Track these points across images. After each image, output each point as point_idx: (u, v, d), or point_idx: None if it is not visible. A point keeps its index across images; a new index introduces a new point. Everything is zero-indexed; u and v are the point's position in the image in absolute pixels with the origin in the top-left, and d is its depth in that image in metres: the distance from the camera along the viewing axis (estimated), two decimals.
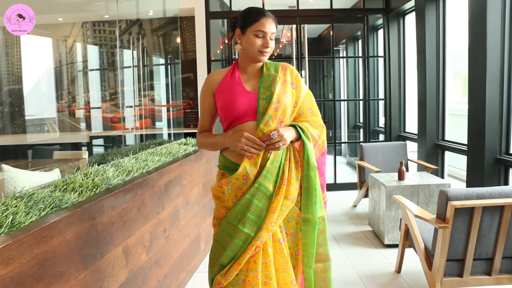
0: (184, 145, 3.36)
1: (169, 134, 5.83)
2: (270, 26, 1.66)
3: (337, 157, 5.70)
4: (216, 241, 1.69)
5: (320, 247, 1.70)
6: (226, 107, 1.67)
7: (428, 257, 2.47)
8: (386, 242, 3.41)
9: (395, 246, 3.38)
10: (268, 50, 1.67)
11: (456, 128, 5.24)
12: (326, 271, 1.73)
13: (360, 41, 6.70)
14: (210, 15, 5.27)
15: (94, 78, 6.24)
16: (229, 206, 1.67)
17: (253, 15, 1.67)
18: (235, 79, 1.71)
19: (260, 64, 1.74)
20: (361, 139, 6.41)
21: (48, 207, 1.51)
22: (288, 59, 5.76)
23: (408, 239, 2.85)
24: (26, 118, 5.53)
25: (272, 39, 1.68)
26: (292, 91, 1.71)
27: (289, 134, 1.64)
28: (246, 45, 1.67)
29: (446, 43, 4.44)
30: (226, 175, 1.69)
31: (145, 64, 6.01)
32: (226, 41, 5.96)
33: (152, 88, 6.13)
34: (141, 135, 5.48)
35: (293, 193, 1.65)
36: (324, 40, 8.26)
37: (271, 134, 1.59)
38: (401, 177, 3.53)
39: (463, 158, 3.82)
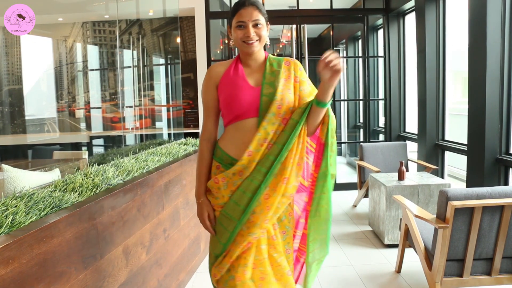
0: (184, 145, 3.36)
1: (169, 134, 5.83)
2: (248, 14, 1.58)
3: (337, 157, 5.69)
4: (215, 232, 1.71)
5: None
6: (228, 102, 1.62)
7: (428, 257, 2.47)
8: (386, 242, 3.41)
9: (395, 246, 3.38)
10: (252, 38, 1.59)
11: (456, 128, 5.24)
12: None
13: (360, 41, 6.70)
14: (210, 15, 5.27)
15: (94, 78, 6.25)
16: (225, 201, 1.64)
17: (234, 8, 1.62)
18: (238, 73, 1.65)
19: (262, 58, 1.68)
20: (361, 139, 6.41)
21: (48, 207, 1.51)
22: None
23: (408, 239, 2.85)
24: (26, 118, 5.54)
25: (257, 27, 1.59)
26: (295, 85, 1.65)
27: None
28: (233, 40, 1.65)
29: (446, 43, 4.43)
30: (221, 168, 1.66)
31: (145, 64, 6.01)
32: (226, 41, 5.96)
33: (152, 88, 6.13)
34: (141, 135, 5.48)
35: (290, 190, 1.61)
36: (324, 40, 8.26)
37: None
38: (401, 177, 3.53)
39: (463, 158, 3.82)
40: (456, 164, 5.24)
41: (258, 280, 1.62)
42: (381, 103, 6.20)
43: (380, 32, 5.99)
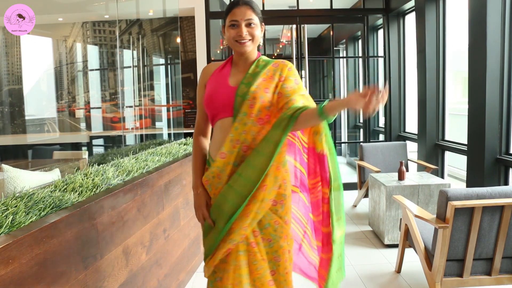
0: (184, 145, 3.36)
1: (169, 134, 5.83)
2: (242, 13, 1.55)
3: (337, 157, 5.69)
4: (203, 232, 1.73)
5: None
6: (209, 101, 1.63)
7: (428, 257, 2.47)
8: (386, 242, 3.41)
9: (395, 246, 3.38)
10: (245, 38, 1.56)
11: (456, 128, 5.24)
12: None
13: (360, 41, 6.70)
14: (210, 15, 5.27)
15: (94, 78, 6.25)
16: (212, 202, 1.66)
17: (228, 7, 1.60)
18: (223, 72, 1.66)
19: (253, 58, 1.64)
20: (361, 139, 6.41)
21: (48, 207, 1.51)
22: (288, 59, 5.75)
23: (408, 239, 2.85)
24: (26, 118, 5.54)
25: (250, 26, 1.57)
26: (278, 84, 1.58)
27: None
28: (226, 39, 1.63)
29: (446, 43, 4.44)
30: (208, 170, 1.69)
31: (145, 64, 6.01)
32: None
33: (152, 88, 6.13)
34: (141, 135, 5.48)
35: (269, 195, 1.57)
36: (324, 40, 8.26)
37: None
38: (401, 177, 3.53)
39: (463, 158, 3.82)
40: (456, 164, 5.24)
41: (233, 286, 1.59)
42: None
43: (380, 32, 5.99)
